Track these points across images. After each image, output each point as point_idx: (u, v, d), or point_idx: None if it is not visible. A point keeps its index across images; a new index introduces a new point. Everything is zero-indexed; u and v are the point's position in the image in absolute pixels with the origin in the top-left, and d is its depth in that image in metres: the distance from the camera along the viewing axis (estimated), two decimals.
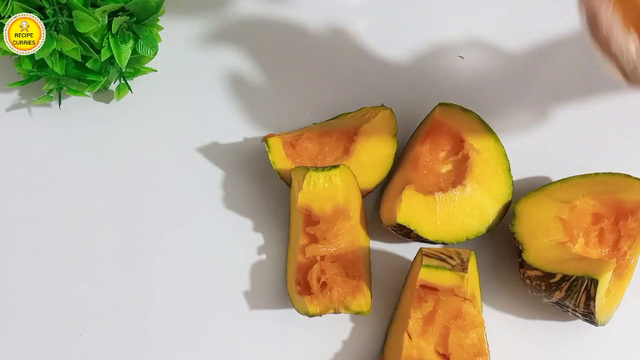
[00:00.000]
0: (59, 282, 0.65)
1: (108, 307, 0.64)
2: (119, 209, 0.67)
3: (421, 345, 0.59)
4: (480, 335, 0.59)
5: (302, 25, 0.73)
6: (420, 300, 0.59)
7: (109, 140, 0.69)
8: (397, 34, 0.73)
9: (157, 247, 0.66)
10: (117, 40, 0.63)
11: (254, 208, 0.67)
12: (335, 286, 0.60)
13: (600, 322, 0.59)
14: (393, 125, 0.66)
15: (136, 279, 0.65)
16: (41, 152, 0.69)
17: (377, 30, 0.73)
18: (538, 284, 0.60)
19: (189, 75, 0.72)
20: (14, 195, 0.67)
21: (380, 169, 0.65)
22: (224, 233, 0.66)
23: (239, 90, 0.71)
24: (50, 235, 0.66)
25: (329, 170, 0.61)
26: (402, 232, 0.63)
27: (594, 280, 0.55)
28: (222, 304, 0.65)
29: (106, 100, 0.71)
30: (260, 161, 0.68)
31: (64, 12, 0.62)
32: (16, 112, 0.70)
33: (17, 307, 0.64)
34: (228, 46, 0.73)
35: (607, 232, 0.62)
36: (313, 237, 0.62)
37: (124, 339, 0.64)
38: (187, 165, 0.68)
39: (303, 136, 0.66)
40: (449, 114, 0.66)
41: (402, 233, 0.63)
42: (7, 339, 0.63)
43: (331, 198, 0.61)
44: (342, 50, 0.72)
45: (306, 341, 0.64)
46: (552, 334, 0.64)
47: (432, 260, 0.59)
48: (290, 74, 0.72)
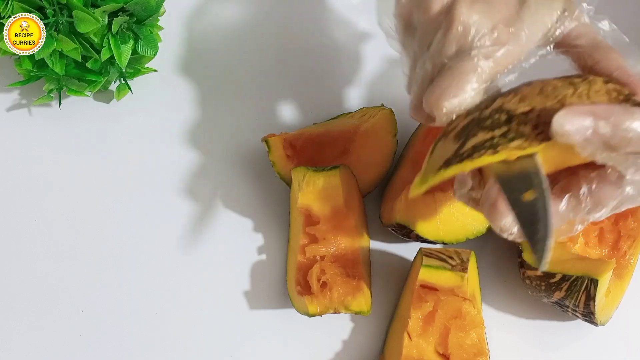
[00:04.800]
0: (59, 282, 0.65)
1: (108, 307, 0.64)
2: (119, 208, 0.67)
3: (421, 345, 0.59)
4: (480, 335, 0.59)
5: (303, 25, 0.73)
6: (420, 300, 0.59)
7: (109, 140, 0.69)
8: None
9: (157, 247, 0.66)
10: (117, 40, 0.63)
11: (254, 208, 0.67)
12: (335, 286, 0.60)
13: (600, 322, 0.59)
14: (393, 125, 0.66)
15: (136, 279, 0.65)
16: (41, 152, 0.69)
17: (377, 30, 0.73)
18: (538, 284, 0.60)
19: (189, 75, 0.72)
20: (14, 195, 0.67)
21: (380, 169, 0.65)
22: (224, 233, 0.66)
23: (239, 90, 0.71)
24: (50, 235, 0.66)
25: (329, 170, 0.61)
26: (402, 232, 0.63)
27: (594, 280, 0.55)
28: (222, 303, 0.65)
29: (106, 100, 0.71)
30: (260, 161, 0.68)
31: (64, 12, 0.62)
32: (16, 112, 0.70)
33: (17, 307, 0.64)
34: (228, 46, 0.73)
35: (607, 232, 0.62)
36: (313, 237, 0.62)
37: (124, 339, 0.64)
38: (187, 165, 0.68)
39: (303, 136, 0.66)
40: None
41: (402, 233, 0.63)
42: (7, 339, 0.63)
43: (331, 198, 0.61)
44: (343, 50, 0.72)
45: (306, 341, 0.64)
46: (552, 334, 0.64)
47: (432, 260, 0.60)
48: (291, 74, 0.72)
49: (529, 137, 0.41)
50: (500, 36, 0.44)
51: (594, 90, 0.43)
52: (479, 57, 0.44)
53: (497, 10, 0.45)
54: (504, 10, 0.45)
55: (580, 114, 0.40)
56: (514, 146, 0.41)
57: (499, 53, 0.44)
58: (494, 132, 0.42)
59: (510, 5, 0.46)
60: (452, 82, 0.43)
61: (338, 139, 0.66)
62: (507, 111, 0.42)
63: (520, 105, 0.43)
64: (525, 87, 0.44)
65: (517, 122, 0.42)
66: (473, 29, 0.44)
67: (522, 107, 0.42)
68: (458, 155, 0.42)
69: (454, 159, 0.42)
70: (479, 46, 0.44)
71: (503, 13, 0.45)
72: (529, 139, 0.41)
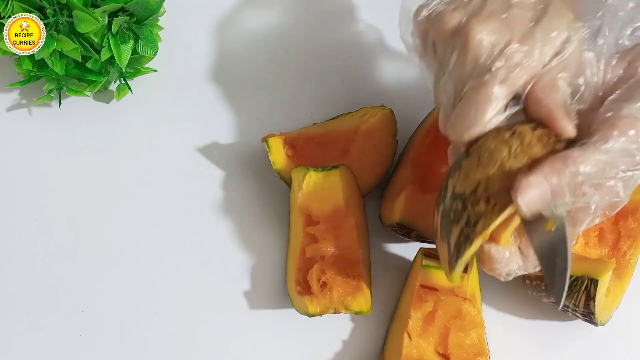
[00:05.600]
0: (59, 282, 0.65)
1: (108, 307, 0.64)
2: (119, 208, 0.67)
3: (421, 345, 0.59)
4: (480, 335, 0.59)
5: (303, 25, 0.73)
6: (420, 300, 0.59)
7: (109, 140, 0.69)
8: (397, 34, 0.73)
9: (157, 247, 0.66)
10: (117, 40, 0.63)
11: (254, 208, 0.67)
12: (335, 286, 0.60)
13: (600, 322, 0.59)
14: (393, 125, 0.66)
15: (136, 279, 0.65)
16: (41, 152, 0.69)
17: (378, 30, 0.73)
18: (538, 284, 0.60)
19: (189, 75, 0.72)
20: (14, 195, 0.67)
21: (380, 169, 0.65)
22: (224, 233, 0.66)
23: (239, 90, 0.71)
24: (50, 235, 0.66)
25: (329, 170, 0.61)
26: (402, 232, 0.63)
27: (594, 280, 0.55)
28: (222, 303, 0.65)
29: (106, 100, 0.71)
30: (260, 161, 0.68)
31: (64, 12, 0.62)
32: (16, 112, 0.70)
33: (17, 307, 0.64)
34: (228, 46, 0.73)
35: (607, 232, 0.62)
36: (313, 237, 0.62)
37: (124, 339, 0.64)
38: (187, 165, 0.68)
39: (303, 136, 0.66)
40: None
41: (402, 233, 0.63)
42: (7, 339, 0.63)
43: (331, 198, 0.61)
44: (342, 50, 0.72)
45: (306, 341, 0.64)
46: (552, 334, 0.64)
47: (432, 260, 0.60)
48: (291, 74, 0.72)
49: (486, 214, 0.43)
50: (513, 56, 0.45)
51: (526, 145, 0.44)
52: (493, 83, 0.45)
53: (511, 27, 0.45)
54: (518, 26, 0.46)
55: (532, 187, 0.42)
56: (480, 229, 0.43)
57: (512, 74, 0.45)
58: (460, 224, 0.45)
59: (525, 21, 0.46)
60: (469, 114, 0.46)
61: (338, 139, 0.66)
62: (460, 195, 0.45)
63: (466, 184, 0.45)
64: (465, 162, 0.46)
65: (471, 204, 0.44)
66: (486, 49, 0.45)
67: (469, 187, 0.45)
68: (453, 257, 0.46)
69: (453, 261, 0.46)
70: (492, 70, 0.45)
71: (517, 29, 0.45)
72: (488, 215, 0.43)
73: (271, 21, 0.74)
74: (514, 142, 0.44)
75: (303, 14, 0.74)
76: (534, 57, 0.45)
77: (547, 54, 0.45)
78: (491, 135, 0.45)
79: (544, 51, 0.45)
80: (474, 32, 0.45)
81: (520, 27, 0.46)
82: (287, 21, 0.74)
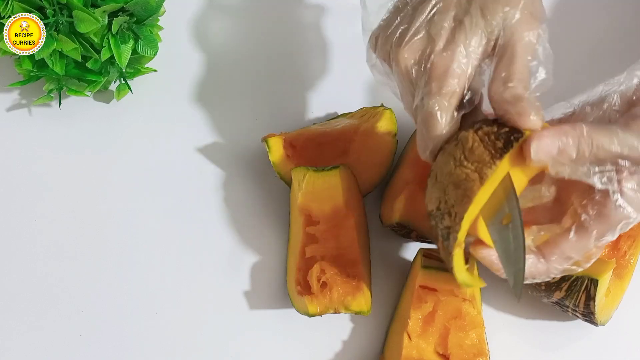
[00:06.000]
0: (59, 282, 0.65)
1: (108, 307, 0.64)
2: (119, 208, 0.67)
3: (421, 345, 0.59)
4: (480, 336, 0.59)
5: (302, 25, 0.73)
6: (420, 301, 0.59)
7: (109, 141, 0.69)
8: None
9: (157, 247, 0.66)
10: (117, 40, 0.63)
11: (254, 208, 0.67)
12: (335, 286, 0.60)
13: (600, 322, 0.59)
14: (393, 125, 0.66)
15: (136, 279, 0.65)
16: (41, 152, 0.69)
17: None
18: (538, 284, 0.60)
19: (189, 75, 0.72)
20: (14, 195, 0.67)
21: (380, 169, 0.65)
22: (224, 233, 0.66)
23: (239, 90, 0.71)
24: (50, 235, 0.66)
25: (329, 171, 0.61)
26: (402, 232, 0.63)
27: (594, 280, 0.55)
28: (222, 303, 0.65)
29: (106, 100, 0.71)
30: (260, 161, 0.68)
31: (64, 12, 0.62)
32: (16, 112, 0.70)
33: (17, 307, 0.64)
34: (228, 46, 0.73)
35: None
36: (313, 237, 0.62)
37: (124, 339, 0.64)
38: (187, 165, 0.68)
39: (303, 136, 0.66)
40: None
41: (402, 233, 0.63)
42: (7, 339, 0.63)
43: (331, 198, 0.61)
44: (342, 50, 0.72)
45: (306, 341, 0.64)
46: (552, 334, 0.64)
47: (431, 260, 0.60)
48: (291, 74, 0.72)
49: (453, 227, 0.45)
50: (437, 66, 0.46)
51: (468, 150, 0.45)
52: (428, 99, 0.46)
53: (432, 39, 0.47)
54: (439, 34, 0.47)
55: (547, 137, 0.44)
56: (452, 242, 0.45)
57: (443, 84, 0.46)
58: (440, 238, 0.47)
59: (446, 30, 0.47)
60: (422, 135, 0.48)
61: (338, 139, 0.66)
62: (430, 213, 0.47)
63: (431, 202, 0.47)
64: (428, 180, 0.48)
65: (440, 220, 0.46)
66: (414, 71, 0.48)
67: (433, 204, 0.47)
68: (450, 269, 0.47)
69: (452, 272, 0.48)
70: (423, 88, 0.47)
71: (438, 38, 0.47)
72: (453, 227, 0.45)
73: (271, 21, 0.73)
74: (457, 151, 0.45)
75: (304, 14, 0.74)
76: (459, 59, 0.46)
77: (476, 49, 0.46)
78: (442, 150, 0.47)
79: (469, 47, 0.46)
80: (399, 60, 0.48)
81: (443, 34, 0.47)
82: (288, 21, 0.74)
